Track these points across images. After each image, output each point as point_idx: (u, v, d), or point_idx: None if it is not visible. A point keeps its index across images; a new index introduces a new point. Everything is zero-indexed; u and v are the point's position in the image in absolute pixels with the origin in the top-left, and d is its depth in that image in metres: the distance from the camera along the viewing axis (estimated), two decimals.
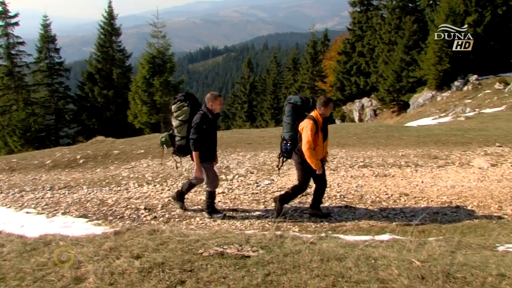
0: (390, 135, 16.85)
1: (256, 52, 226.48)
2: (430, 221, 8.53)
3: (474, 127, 20.67)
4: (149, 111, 38.45)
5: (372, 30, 57.01)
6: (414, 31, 50.05)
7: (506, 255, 5.62)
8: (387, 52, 52.81)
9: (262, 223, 8.49)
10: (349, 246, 5.44)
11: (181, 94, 8.88)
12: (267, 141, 16.30)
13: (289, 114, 8.40)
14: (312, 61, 61.91)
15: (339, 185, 10.71)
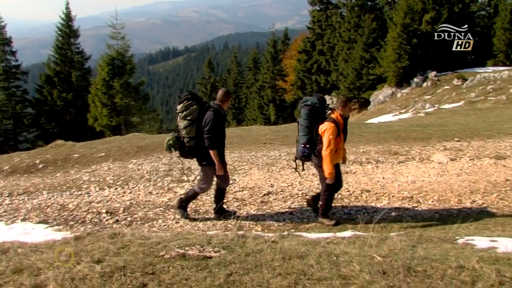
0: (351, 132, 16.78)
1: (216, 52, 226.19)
2: (391, 216, 8.61)
3: (433, 122, 20.95)
4: (110, 114, 38.05)
5: (332, 28, 57.46)
6: (373, 29, 50.59)
7: (466, 247, 5.71)
8: (347, 50, 53.26)
9: (224, 223, 8.46)
10: (311, 243, 5.45)
11: (187, 93, 8.49)
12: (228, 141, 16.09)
13: (306, 117, 8.08)
14: (272, 60, 62.14)
15: (301, 183, 10.75)
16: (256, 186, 10.63)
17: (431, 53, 45.70)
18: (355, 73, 50.14)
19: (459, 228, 7.45)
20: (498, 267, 4.52)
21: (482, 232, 7.15)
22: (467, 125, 18.55)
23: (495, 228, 7.56)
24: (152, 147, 15.55)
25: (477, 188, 10.15)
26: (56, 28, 45.31)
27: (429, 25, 46.19)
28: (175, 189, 10.63)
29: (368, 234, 6.20)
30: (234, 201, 9.63)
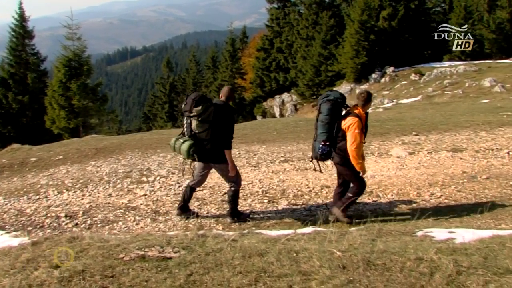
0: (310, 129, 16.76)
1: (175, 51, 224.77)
2: (352, 211, 8.67)
3: (391, 117, 21.15)
4: (68, 116, 37.40)
5: (290, 26, 57.66)
6: (331, 26, 50.92)
7: (424, 239, 5.79)
8: (305, 47, 53.47)
9: (185, 223, 8.40)
10: (271, 241, 5.46)
11: (197, 93, 8.00)
12: None
13: (328, 112, 7.72)
14: (231, 59, 61.98)
15: (261, 181, 10.76)
16: (216, 185, 10.60)
17: (389, 49, 46.28)
18: (313, 70, 50.36)
19: (418, 220, 7.55)
20: (455, 257, 4.61)
21: (440, 224, 7.28)
22: (425, 119, 18.79)
23: (453, 220, 7.70)
24: (111, 148, 15.38)
25: (435, 181, 10.30)
26: (9, 29, 44.26)
27: (386, 21, 46.79)
28: (135, 190, 10.51)
29: (328, 230, 6.24)
30: (195, 200, 9.56)
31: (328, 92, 8.07)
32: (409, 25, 48.02)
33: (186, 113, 7.87)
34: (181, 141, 7.93)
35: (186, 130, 8.00)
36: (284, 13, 59.48)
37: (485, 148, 13.24)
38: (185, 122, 8.01)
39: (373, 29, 45.37)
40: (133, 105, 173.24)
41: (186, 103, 7.86)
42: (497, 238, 5.48)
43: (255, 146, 14.61)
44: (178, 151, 7.98)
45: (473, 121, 17.37)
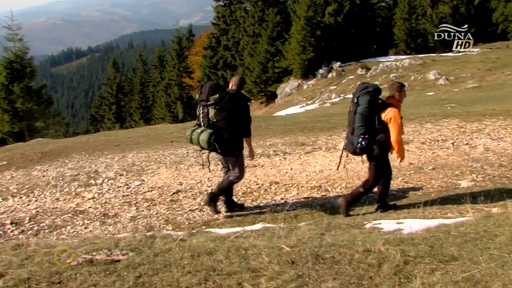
0: (257, 126, 16.97)
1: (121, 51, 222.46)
2: (301, 206, 8.70)
3: (338, 112, 21.33)
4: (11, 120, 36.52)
5: (236, 23, 57.83)
6: (277, 23, 51.22)
7: (373, 231, 5.85)
8: (252, 45, 53.67)
9: (135, 225, 8.30)
10: (220, 239, 5.42)
11: (212, 82, 7.90)
12: (134, 142, 15.99)
13: (368, 104, 7.50)
14: (178, 58, 61.78)
15: (210, 179, 10.67)
16: (165, 185, 10.49)
17: (335, 44, 46.77)
18: (261, 67, 50.58)
19: (367, 213, 7.65)
20: (403, 247, 4.65)
21: (388, 215, 7.35)
22: None
23: (401, 211, 7.77)
24: (57, 152, 15.06)
25: None
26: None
27: (332, 17, 47.32)
28: (83, 193, 10.31)
29: (277, 226, 6.24)
30: (144, 201, 9.45)
31: (365, 83, 7.92)
32: (354, 21, 48.67)
33: (203, 102, 7.75)
34: (198, 131, 7.81)
35: (203, 120, 7.84)
36: (230, 10, 59.55)
37: (431, 139, 13.44)
38: (201, 112, 7.85)
39: (319, 25, 45.78)
40: (80, 107, 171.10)
41: (202, 92, 7.77)
42: (443, 227, 5.57)
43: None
44: (197, 142, 7.86)
45: (419, 113, 17.64)
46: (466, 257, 4.44)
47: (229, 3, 60.62)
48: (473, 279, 4.00)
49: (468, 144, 12.69)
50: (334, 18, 47.55)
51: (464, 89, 30.81)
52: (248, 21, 55.84)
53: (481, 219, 5.67)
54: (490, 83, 32.21)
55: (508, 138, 13.23)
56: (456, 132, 14.01)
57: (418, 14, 53.01)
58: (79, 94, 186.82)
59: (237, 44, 57.06)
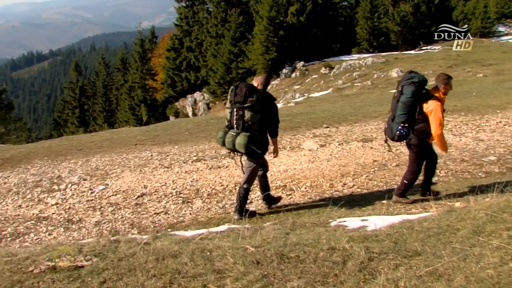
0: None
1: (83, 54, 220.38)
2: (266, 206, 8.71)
3: (302, 111, 21.38)
4: None
5: (199, 24, 57.68)
6: (240, 23, 51.28)
7: (338, 229, 5.85)
8: (215, 46, 53.65)
9: (100, 230, 8.23)
10: (184, 241, 5.37)
11: (248, 83, 7.67)
12: (98, 146, 15.80)
13: (412, 95, 7.55)
14: (141, 60, 61.30)
15: (174, 181, 10.63)
16: (129, 189, 10.41)
17: (298, 44, 46.96)
18: (224, 67, 50.56)
19: (332, 211, 7.64)
20: (367, 244, 4.68)
21: (353, 213, 7.37)
22: (335, 112, 19.09)
23: (366, 208, 7.82)
24: (19, 158, 14.80)
25: (347, 171, 10.46)
26: None
27: (295, 17, 47.49)
28: (46, 199, 10.16)
29: (243, 226, 6.21)
30: (108, 206, 9.37)
31: (411, 73, 7.84)
32: (317, 20, 48.93)
33: (238, 104, 7.53)
34: (233, 133, 7.59)
35: (237, 122, 7.59)
36: (193, 11, 59.38)
37: None
38: (235, 113, 7.60)
39: (282, 25, 45.94)
40: (42, 112, 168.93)
41: (237, 93, 7.55)
42: (406, 222, 5.61)
43: (167, 147, 14.44)
44: (231, 145, 7.65)
45: (382, 111, 17.76)
46: (429, 251, 4.48)
47: (191, 4, 60.42)
48: (436, 273, 4.04)
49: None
50: (296, 18, 47.72)
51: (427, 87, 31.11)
52: (211, 22, 55.78)
53: (443, 214, 5.72)
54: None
55: (469, 133, 13.42)
56: None
57: (380, 13, 53.56)
58: (41, 99, 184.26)
59: (200, 45, 56.95)
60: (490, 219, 5.08)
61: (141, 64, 61.20)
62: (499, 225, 4.88)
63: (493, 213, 5.18)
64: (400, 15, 53.03)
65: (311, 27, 48.56)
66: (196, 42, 57.28)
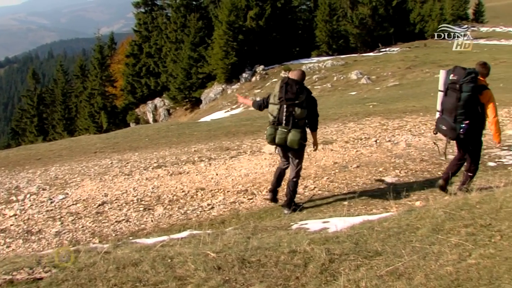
0: (182, 133, 16.92)
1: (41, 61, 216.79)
2: (228, 211, 8.68)
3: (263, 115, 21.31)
4: None
5: (159, 30, 57.55)
6: (199, 28, 51.24)
7: (299, 232, 5.86)
8: (175, 51, 53.52)
9: (60, 240, 8.07)
10: (145, 249, 5.31)
11: (297, 80, 7.83)
12: (57, 154, 15.57)
13: (472, 91, 7.31)
14: (100, 66, 60.67)
15: (135, 189, 10.50)
16: (89, 198, 10.24)
17: (258, 48, 47.12)
18: (184, 73, 50.44)
19: (293, 214, 7.65)
20: (328, 246, 4.69)
21: (315, 215, 7.39)
22: None
23: (327, 210, 7.86)
24: None
25: (308, 173, 10.46)
26: None
27: (254, 21, 47.66)
28: (4, 211, 9.84)
29: (204, 232, 6.17)
30: (69, 215, 9.19)
31: (466, 68, 7.53)
32: (276, 24, 49.22)
33: (289, 101, 7.65)
34: (283, 130, 7.68)
35: (286, 118, 7.67)
36: (152, 17, 59.16)
37: (354, 138, 13.65)
38: (284, 110, 7.68)
39: (241, 29, 46.06)
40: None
41: (288, 90, 7.68)
42: (367, 223, 5.63)
43: (128, 154, 14.31)
44: (283, 141, 7.72)
45: (342, 113, 17.91)
46: (390, 251, 4.52)
47: (150, 9, 60.18)
48: (396, 272, 4.07)
49: (390, 141, 12.95)
50: (256, 22, 47.89)
51: (386, 88, 31.59)
52: (170, 27, 55.61)
53: (403, 213, 5.76)
54: (410, 81, 33.15)
55: (428, 133, 13.58)
56: (378, 130, 14.29)
57: (339, 15, 54.18)
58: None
59: (159, 50, 56.71)
60: (448, 217, 5.15)
61: (100, 70, 60.60)
62: (457, 223, 4.95)
63: (451, 211, 5.25)
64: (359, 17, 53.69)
65: (270, 31, 48.77)
66: (155, 47, 57.03)
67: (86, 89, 62.83)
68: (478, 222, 4.89)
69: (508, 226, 4.68)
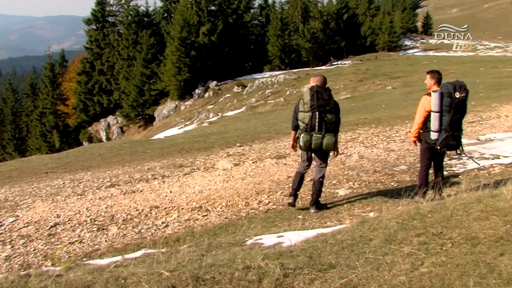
0: (135, 151, 16.74)
1: None
2: (183, 229, 8.60)
3: (215, 131, 21.43)
4: None
5: (111, 47, 57.16)
6: (151, 45, 51.11)
7: (254, 247, 5.82)
8: (127, 68, 53.25)
9: (10, 265, 7.83)
10: (98, 270, 5.20)
11: (326, 87, 8.38)
12: (6, 176, 15.17)
13: None
14: (51, 85, 59.89)
15: (88, 209, 10.31)
16: (41, 219, 9.99)
17: (210, 64, 47.19)
18: (137, 90, 50.19)
19: (248, 229, 7.60)
20: (282, 261, 4.66)
21: (269, 230, 7.36)
22: (248, 130, 19.19)
23: (282, 224, 7.83)
24: None
25: (262, 188, 10.47)
26: None
27: (206, 37, 47.76)
28: None
29: (158, 251, 6.09)
30: (19, 238, 8.96)
31: (461, 82, 7.72)
32: (229, 39, 49.41)
33: (321, 108, 8.05)
34: (318, 135, 8.07)
35: (319, 124, 8.06)
36: (104, 34, 58.73)
37: None
38: (317, 117, 8.06)
39: (193, 45, 46.08)
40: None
41: (319, 98, 8.08)
42: (321, 236, 5.63)
43: (80, 174, 14.06)
44: (318, 146, 8.11)
45: None
46: (344, 263, 4.52)
47: (101, 26, 59.75)
48: (350, 284, 4.08)
49: (343, 153, 13.03)
50: (208, 37, 47.98)
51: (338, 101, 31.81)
52: (122, 44, 55.28)
53: (357, 225, 5.79)
54: (362, 93, 33.60)
55: (380, 144, 13.76)
56: None
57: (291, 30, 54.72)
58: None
59: (112, 68, 56.32)
60: (401, 227, 5.19)
61: (51, 89, 59.77)
62: (410, 232, 5.00)
63: (403, 221, 5.30)
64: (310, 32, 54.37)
65: (223, 47, 48.90)
66: (107, 65, 56.62)
67: (37, 108, 61.87)
68: (430, 231, 4.95)
69: (458, 233, 4.75)
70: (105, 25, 59.92)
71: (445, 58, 52.61)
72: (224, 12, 50.92)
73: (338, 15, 60.69)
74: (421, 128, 8.04)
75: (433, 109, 7.62)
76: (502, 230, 4.63)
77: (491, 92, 25.24)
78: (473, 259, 4.22)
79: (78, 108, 57.83)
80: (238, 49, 51.06)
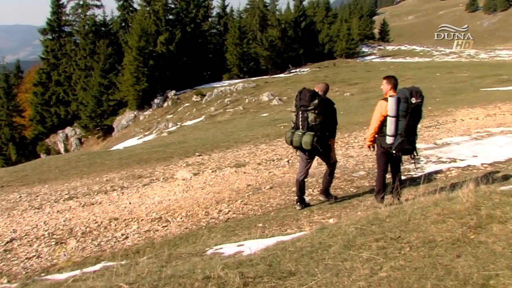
0: (93, 162, 16.52)
1: None
2: (143, 240, 8.53)
3: (174, 141, 21.32)
4: None
5: (68, 57, 56.49)
6: (109, 54, 50.77)
7: (214, 257, 5.78)
8: (84, 78, 52.76)
9: None
10: (56, 285, 5.13)
11: (310, 89, 8.63)
12: None
13: None
14: (6, 96, 58.78)
15: (46, 223, 10.14)
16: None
17: (169, 73, 47.05)
18: (95, 100, 49.74)
19: (208, 238, 7.59)
20: (241, 270, 4.64)
21: (230, 239, 7.33)
22: (207, 139, 19.17)
23: (242, 233, 7.82)
24: None
25: (222, 197, 10.47)
26: None
27: (164, 46, 47.62)
28: None
29: (117, 263, 6.02)
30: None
31: (416, 88, 7.84)
32: (187, 48, 49.34)
33: (303, 108, 8.48)
34: (299, 133, 8.54)
35: (302, 123, 8.55)
36: (60, 44, 57.95)
37: (266, 159, 13.77)
38: (300, 116, 8.56)
39: (151, 54, 45.89)
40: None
41: (301, 98, 8.52)
42: (280, 244, 5.63)
43: (37, 187, 13.81)
44: (298, 143, 8.53)
45: (253, 135, 18.03)
46: (303, 270, 4.52)
47: (58, 36, 58.93)
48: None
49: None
50: (166, 47, 47.82)
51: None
52: (79, 54, 54.69)
53: (316, 232, 5.81)
54: None
55: (339, 151, 13.89)
56: (290, 150, 14.39)
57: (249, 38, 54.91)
58: None
59: (69, 78, 55.63)
60: (359, 232, 5.23)
61: (6, 100, 58.69)
62: (368, 238, 5.03)
63: (362, 227, 5.33)
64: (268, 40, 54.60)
65: (181, 56, 48.78)
66: (64, 75, 55.90)
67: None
68: (388, 235, 4.98)
69: (416, 237, 4.80)
70: (62, 35, 59.10)
71: (402, 64, 53.48)
72: (182, 21, 50.86)
73: (296, 23, 61.14)
74: (376, 133, 8.18)
75: (390, 114, 7.71)
76: (458, 232, 4.69)
77: (447, 97, 25.78)
78: (430, 262, 4.27)
79: (34, 120, 56.89)
80: (196, 58, 50.98)
